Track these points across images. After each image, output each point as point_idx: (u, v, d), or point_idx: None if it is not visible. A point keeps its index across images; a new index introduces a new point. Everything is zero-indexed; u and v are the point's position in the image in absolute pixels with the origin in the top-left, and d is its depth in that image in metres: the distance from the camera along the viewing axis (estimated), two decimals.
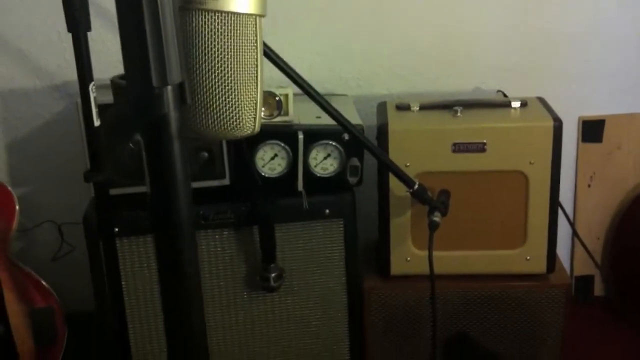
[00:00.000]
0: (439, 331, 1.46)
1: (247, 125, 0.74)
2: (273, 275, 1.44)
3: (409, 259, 1.49)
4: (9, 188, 1.61)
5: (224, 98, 0.71)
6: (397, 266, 1.49)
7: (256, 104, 0.74)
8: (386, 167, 1.31)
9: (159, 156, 0.65)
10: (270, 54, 1.02)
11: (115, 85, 1.10)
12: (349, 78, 1.76)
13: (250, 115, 0.73)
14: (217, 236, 1.45)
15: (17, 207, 1.60)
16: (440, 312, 1.47)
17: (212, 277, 1.47)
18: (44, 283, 1.62)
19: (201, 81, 0.71)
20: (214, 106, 0.72)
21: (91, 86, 1.15)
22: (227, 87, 0.71)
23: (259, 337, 1.52)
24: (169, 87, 0.62)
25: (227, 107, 0.72)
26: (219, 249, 1.46)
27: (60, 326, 1.62)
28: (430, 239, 1.30)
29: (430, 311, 1.47)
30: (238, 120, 0.74)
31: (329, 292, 1.51)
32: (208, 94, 0.71)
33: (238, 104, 0.72)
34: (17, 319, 1.55)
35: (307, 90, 1.14)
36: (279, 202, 1.42)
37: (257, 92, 0.73)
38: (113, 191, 1.41)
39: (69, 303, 1.79)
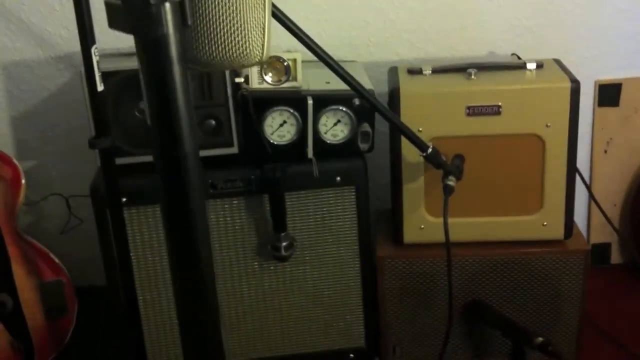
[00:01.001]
0: (455, 299, 1.43)
1: (255, 52, 0.69)
2: (284, 244, 1.41)
3: (422, 226, 1.45)
4: (15, 161, 1.58)
5: (228, 21, 0.67)
6: (411, 234, 1.46)
7: (264, 28, 0.69)
8: (398, 131, 1.27)
9: (159, 82, 0.61)
10: (280, 16, 0.99)
11: (110, 6, 1.05)
12: (359, 45, 1.71)
13: (257, 40, 0.69)
14: (226, 205, 1.42)
15: (23, 181, 1.58)
16: (456, 280, 1.44)
17: (222, 247, 1.45)
18: (53, 257, 1.60)
19: (203, 3, 0.67)
20: (219, 31, 0.68)
21: (93, 49, 1.12)
22: (232, 9, 0.66)
23: (270, 308, 1.50)
24: (167, 4, 0.58)
25: (232, 32, 0.68)
26: (228, 219, 1.43)
27: (71, 299, 1.60)
28: (445, 204, 1.27)
29: (446, 279, 1.45)
30: (245, 46, 0.69)
31: (341, 262, 1.48)
32: (211, 17, 0.67)
33: (244, 28, 0.67)
34: (26, 293, 1.54)
35: (316, 52, 1.11)
36: (288, 170, 1.39)
37: (264, 15, 0.69)
38: (120, 160, 1.38)
39: (79, 278, 1.77)
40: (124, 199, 1.39)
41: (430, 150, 1.26)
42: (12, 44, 1.68)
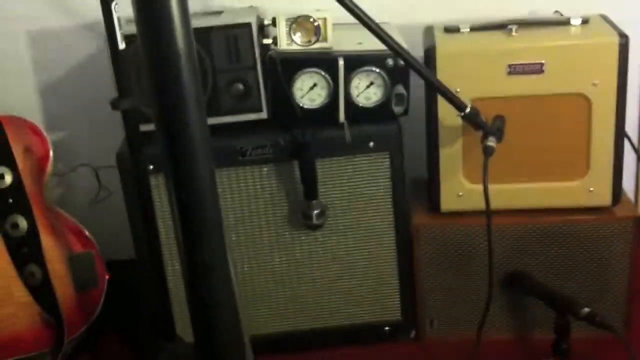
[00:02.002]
0: (495, 269, 1.36)
1: None
2: (316, 212, 1.36)
3: (460, 193, 1.39)
4: (43, 131, 1.56)
5: None
6: (448, 201, 1.40)
7: None
8: (435, 90, 1.21)
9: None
10: None
11: None
12: (392, 5, 1.64)
13: None
14: (255, 173, 1.37)
15: (51, 151, 1.55)
16: (496, 249, 1.37)
17: (253, 216, 1.40)
18: (82, 229, 1.58)
19: None
20: None
21: (114, 5, 1.07)
22: None
23: (303, 279, 1.45)
24: None
25: None
26: (258, 187, 1.38)
27: (100, 272, 1.58)
28: (484, 167, 1.20)
29: (485, 249, 1.38)
30: None
31: (375, 230, 1.42)
32: None
33: None
34: (55, 264, 1.52)
35: (348, 6, 1.04)
36: (319, 135, 1.34)
37: None
38: (145, 127, 1.34)
39: (110, 251, 1.75)
40: (151, 166, 1.35)
41: (468, 109, 1.19)
42: (38, 13, 1.64)
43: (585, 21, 1.35)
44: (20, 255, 1.50)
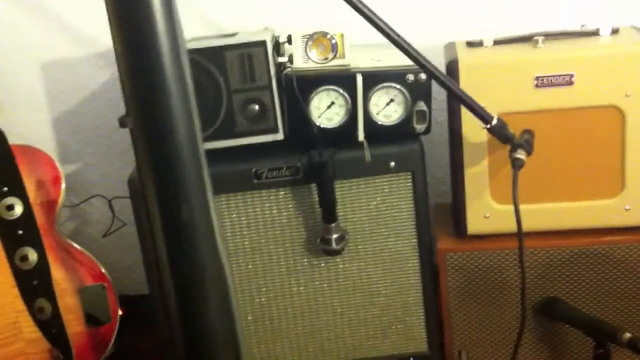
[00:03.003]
0: (527, 296, 1.28)
1: None
2: (335, 236, 1.29)
3: (488, 215, 1.31)
4: (55, 161, 1.52)
5: None
6: (475, 224, 1.32)
7: None
8: (459, 101, 1.14)
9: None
10: None
11: None
12: (411, 25, 1.60)
13: None
14: (272, 197, 1.32)
15: (63, 182, 1.51)
16: (527, 274, 1.29)
17: (269, 242, 1.34)
18: (95, 261, 1.52)
19: None
20: None
21: None
22: None
23: (322, 308, 1.37)
24: None
25: None
26: (274, 211, 1.32)
27: (113, 306, 1.51)
28: (514, 180, 1.13)
29: (515, 274, 1.31)
30: None
31: (398, 256, 1.35)
32: None
33: None
34: (66, 298, 1.46)
35: (370, 17, 1.00)
36: (337, 156, 1.28)
37: None
38: None
39: (124, 285, 1.69)
40: None
41: (495, 121, 1.12)
42: (50, 42, 1.63)
43: (615, 31, 1.29)
44: (30, 288, 1.44)
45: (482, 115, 1.11)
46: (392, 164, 1.30)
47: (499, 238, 1.32)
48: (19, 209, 1.44)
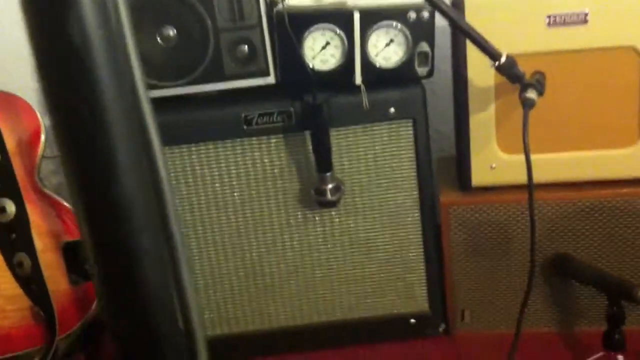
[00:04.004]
0: (536, 252, 1.20)
1: None
2: (330, 187, 1.21)
3: (494, 165, 1.23)
4: (34, 109, 1.43)
5: None
6: (480, 175, 1.24)
7: None
8: (464, 36, 1.05)
9: None
10: None
11: None
12: None
13: None
14: (263, 145, 1.23)
15: (42, 131, 1.42)
16: (536, 229, 1.20)
17: (261, 194, 1.25)
18: None
19: None
20: None
21: None
22: None
23: (317, 265, 1.29)
24: None
25: None
26: (266, 161, 1.24)
27: None
28: (524, 122, 1.04)
29: (523, 228, 1.22)
30: None
31: (398, 210, 1.27)
32: None
33: None
34: (47, 254, 1.38)
35: None
36: (333, 101, 1.19)
37: None
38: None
39: None
40: None
41: (504, 58, 1.03)
42: None
43: None
44: (8, 242, 1.36)
45: (490, 52, 1.01)
46: (392, 110, 1.21)
47: (505, 190, 1.23)
48: None
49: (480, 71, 1.15)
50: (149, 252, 0.44)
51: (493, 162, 1.22)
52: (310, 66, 1.19)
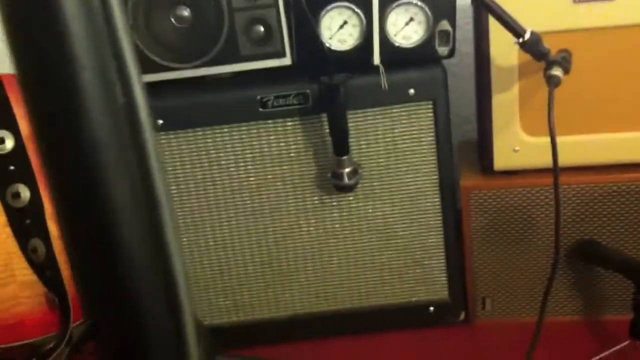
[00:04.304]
0: (561, 238, 1.16)
1: None
2: (347, 170, 1.18)
3: (517, 148, 1.19)
4: None
5: None
6: (503, 158, 1.20)
7: None
8: (487, 11, 1.01)
9: None
10: None
11: None
12: None
13: None
14: (279, 128, 1.20)
15: None
16: (562, 214, 1.17)
17: (277, 178, 1.23)
18: None
19: None
20: None
21: None
22: None
23: (334, 251, 1.26)
24: None
25: None
26: (282, 144, 1.21)
27: None
28: (549, 100, 1.00)
29: (547, 213, 1.18)
30: None
31: (417, 194, 1.23)
32: None
33: None
34: (61, 240, 1.37)
35: None
36: (351, 82, 1.16)
37: None
38: (153, 77, 1.19)
39: None
40: (160, 121, 1.19)
41: (528, 35, 0.99)
42: None
43: None
44: (23, 228, 1.35)
45: (514, 28, 0.98)
46: (411, 91, 1.17)
47: (528, 174, 1.20)
48: (9, 143, 1.34)
49: (503, 49, 1.11)
50: (125, 206, 0.40)
51: (516, 144, 1.19)
52: (327, 46, 1.16)
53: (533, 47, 1.00)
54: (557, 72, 1.00)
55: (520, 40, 1.00)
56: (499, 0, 1.09)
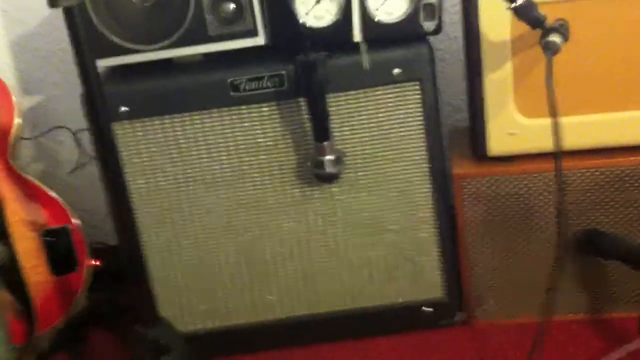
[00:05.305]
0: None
1: None
2: (329, 158, 1.08)
3: (512, 131, 1.10)
4: (6, 85, 1.31)
5: None
6: (497, 143, 1.11)
7: None
8: None
9: None
10: None
11: None
12: None
13: None
14: (254, 114, 1.10)
15: (15, 109, 1.30)
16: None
17: (253, 170, 1.13)
18: (59, 200, 1.32)
19: None
20: None
21: None
22: None
23: (318, 248, 1.17)
24: None
25: None
26: (258, 132, 1.11)
27: (81, 251, 1.32)
28: (548, 70, 0.90)
29: (547, 202, 1.09)
30: None
31: (406, 185, 1.14)
32: None
33: None
34: (25, 242, 1.27)
35: None
36: (330, 63, 1.06)
37: None
38: (117, 60, 1.09)
39: (101, 233, 1.50)
40: (124, 109, 1.10)
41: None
42: None
43: None
44: None
45: None
46: (396, 71, 1.08)
47: (526, 159, 1.11)
48: None
49: (494, 21, 1.02)
50: None
51: (511, 127, 1.09)
52: (303, 23, 1.06)
53: (527, 13, 0.91)
54: (555, 38, 0.91)
55: (513, 4, 0.91)
56: None
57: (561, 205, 0.97)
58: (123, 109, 1.09)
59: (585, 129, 1.07)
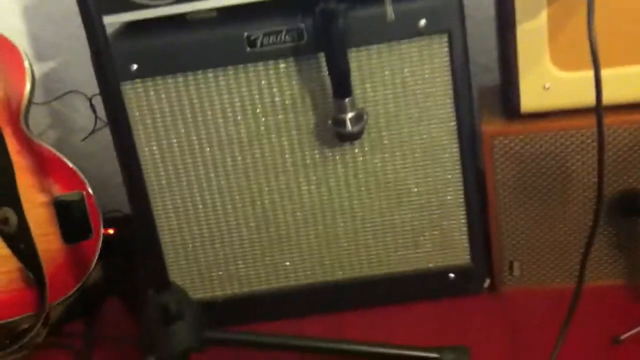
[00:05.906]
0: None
1: None
2: (350, 115, 1.02)
3: (547, 85, 1.03)
4: (19, 49, 1.27)
5: None
6: (531, 98, 1.04)
7: None
8: None
9: None
10: None
11: None
12: None
13: None
14: (271, 71, 1.05)
15: (28, 73, 1.26)
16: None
17: (270, 130, 1.07)
18: (72, 166, 1.28)
19: None
20: None
21: None
22: None
23: (339, 212, 1.12)
24: None
25: None
26: (275, 90, 1.06)
27: (95, 219, 1.28)
28: (589, 11, 0.83)
29: (584, 162, 1.03)
30: None
31: (433, 145, 1.08)
32: None
33: None
34: (36, 209, 1.23)
35: None
36: (351, 14, 1.00)
37: None
38: (127, 15, 1.04)
39: (111, 203, 1.46)
40: (135, 66, 1.04)
41: None
42: None
43: None
44: None
45: None
46: (422, 22, 1.01)
47: (561, 116, 1.04)
48: None
49: None
50: None
51: (546, 81, 1.02)
52: None
53: None
54: None
55: None
56: None
57: (601, 164, 0.90)
58: (134, 66, 1.04)
59: (626, 81, 1.00)
